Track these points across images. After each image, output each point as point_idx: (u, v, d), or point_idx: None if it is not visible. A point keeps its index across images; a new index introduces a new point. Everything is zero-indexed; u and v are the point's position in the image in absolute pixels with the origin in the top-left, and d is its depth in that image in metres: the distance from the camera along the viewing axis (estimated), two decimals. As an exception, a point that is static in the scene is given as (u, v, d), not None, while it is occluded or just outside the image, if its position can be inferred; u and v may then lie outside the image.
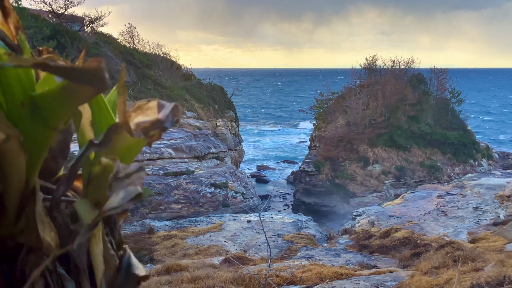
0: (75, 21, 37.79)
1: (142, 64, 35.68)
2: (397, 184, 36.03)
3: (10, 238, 0.53)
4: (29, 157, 0.52)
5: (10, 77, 0.52)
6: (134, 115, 0.57)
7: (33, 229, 0.52)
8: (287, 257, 14.02)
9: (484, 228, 16.93)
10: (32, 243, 0.52)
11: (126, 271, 0.61)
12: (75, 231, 0.53)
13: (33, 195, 0.54)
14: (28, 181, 0.54)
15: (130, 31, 40.60)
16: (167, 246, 15.49)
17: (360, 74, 45.83)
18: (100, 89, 0.49)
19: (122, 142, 0.56)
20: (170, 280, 8.27)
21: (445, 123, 42.12)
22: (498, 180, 24.73)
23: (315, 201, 34.76)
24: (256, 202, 25.64)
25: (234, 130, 38.10)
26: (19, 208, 0.54)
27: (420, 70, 45.93)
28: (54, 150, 0.57)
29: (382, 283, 8.47)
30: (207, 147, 27.49)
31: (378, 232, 17.75)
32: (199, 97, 36.22)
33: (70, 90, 0.48)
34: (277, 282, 8.46)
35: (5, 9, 0.56)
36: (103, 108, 0.63)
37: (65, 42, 30.61)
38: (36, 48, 0.67)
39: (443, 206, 20.92)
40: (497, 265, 7.70)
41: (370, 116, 38.93)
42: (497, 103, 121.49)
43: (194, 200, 22.94)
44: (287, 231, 17.71)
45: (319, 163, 36.27)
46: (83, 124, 0.64)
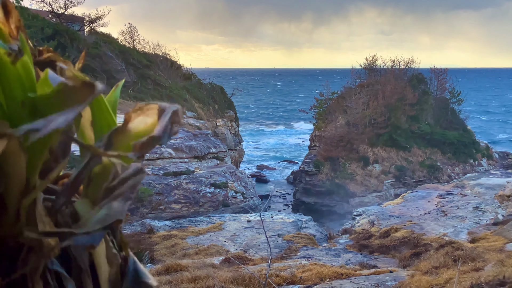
0: (75, 21, 37.79)
1: (141, 64, 35.69)
2: (397, 184, 36.04)
3: (10, 237, 0.53)
4: (29, 157, 0.52)
5: (10, 76, 0.52)
6: (135, 116, 0.57)
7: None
8: (287, 257, 14.02)
9: (484, 228, 16.94)
10: (32, 243, 0.52)
11: (134, 279, 0.60)
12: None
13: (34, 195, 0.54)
14: (28, 181, 0.54)
15: (130, 31, 40.63)
16: (167, 246, 15.50)
17: (360, 74, 45.85)
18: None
19: (122, 143, 0.57)
20: (170, 280, 8.27)
21: (445, 123, 42.13)
22: (498, 180, 24.74)
23: (315, 201, 34.78)
24: (256, 202, 25.65)
25: (234, 130, 38.11)
26: (19, 207, 0.54)
27: (420, 70, 45.95)
28: (55, 151, 0.57)
29: (382, 283, 8.47)
30: (207, 147, 27.50)
31: (378, 232, 17.77)
32: (199, 97, 36.23)
33: (70, 90, 0.49)
34: (277, 282, 8.46)
35: (7, 7, 0.56)
36: (103, 108, 0.63)
37: (65, 42, 30.61)
38: (36, 48, 0.67)
39: (443, 206, 20.93)
40: (497, 265, 7.70)
41: (370, 116, 38.94)
42: (497, 103, 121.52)
43: (194, 200, 22.95)
44: (287, 231, 17.72)
45: (319, 163, 36.28)
46: (83, 124, 0.65)
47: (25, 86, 0.53)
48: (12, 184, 0.52)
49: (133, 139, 0.57)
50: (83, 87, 0.48)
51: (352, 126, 38.98)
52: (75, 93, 0.48)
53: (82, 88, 0.48)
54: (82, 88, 0.48)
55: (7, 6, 0.56)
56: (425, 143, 39.48)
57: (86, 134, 0.64)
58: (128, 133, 0.57)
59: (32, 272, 0.53)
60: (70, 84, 0.48)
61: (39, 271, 0.53)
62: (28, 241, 0.52)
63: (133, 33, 40.51)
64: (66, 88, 0.48)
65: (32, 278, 0.53)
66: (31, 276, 0.53)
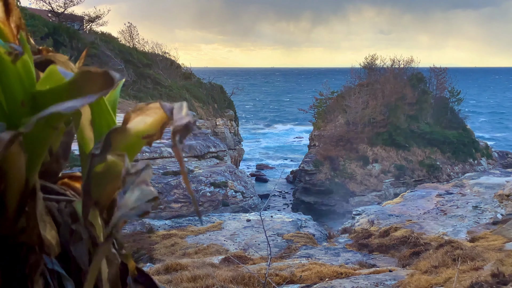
0: (74, 20, 37.75)
1: (141, 63, 35.66)
2: (397, 183, 36.04)
3: (10, 237, 0.53)
4: (29, 156, 0.52)
5: (11, 76, 0.52)
6: (134, 115, 0.57)
7: (34, 228, 0.52)
8: (286, 256, 14.02)
9: (483, 227, 16.95)
10: (32, 242, 0.52)
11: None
12: (77, 231, 0.53)
13: (33, 195, 0.54)
14: (28, 181, 0.54)
15: (130, 30, 40.60)
16: (167, 245, 15.49)
17: (359, 73, 45.84)
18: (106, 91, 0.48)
19: (122, 142, 0.56)
20: (169, 279, 8.27)
21: (445, 122, 42.13)
22: (498, 179, 24.74)
23: (315, 200, 34.78)
24: (255, 201, 25.64)
25: (233, 129, 38.10)
26: (19, 207, 0.54)
27: (420, 69, 45.94)
28: (56, 152, 0.57)
29: (381, 282, 8.47)
30: (206, 146, 27.49)
31: (378, 231, 17.77)
32: (199, 96, 36.20)
33: (81, 83, 0.48)
34: (277, 281, 8.46)
35: (8, 5, 0.55)
36: (103, 108, 0.63)
37: (63, 41, 30.57)
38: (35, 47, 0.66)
39: (443, 205, 20.94)
40: (497, 264, 7.71)
41: (370, 115, 38.93)
42: (496, 102, 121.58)
43: (194, 199, 22.91)
44: (287, 230, 17.72)
45: (318, 162, 36.28)
46: (82, 123, 0.64)
47: (25, 85, 0.53)
48: (12, 183, 0.52)
49: (133, 139, 0.57)
50: (103, 76, 0.48)
51: (352, 125, 38.98)
52: (94, 81, 0.48)
53: (103, 77, 0.48)
54: (103, 77, 0.48)
55: (8, 4, 0.56)
56: (424, 143, 39.49)
57: (86, 134, 0.64)
58: (127, 132, 0.57)
59: (31, 271, 0.53)
60: (93, 70, 0.48)
61: (39, 271, 0.53)
62: (28, 240, 0.52)
63: (132, 32, 40.50)
64: (86, 76, 0.48)
65: (32, 278, 0.53)
66: (30, 276, 0.53)
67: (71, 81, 0.48)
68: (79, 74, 0.48)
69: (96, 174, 0.56)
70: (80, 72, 0.48)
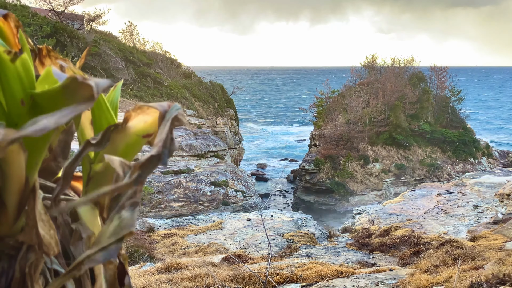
0: (75, 19, 37.75)
1: (141, 63, 35.65)
2: (397, 183, 36.05)
3: (10, 236, 0.53)
4: (28, 155, 0.52)
5: (10, 75, 0.52)
6: (135, 115, 0.57)
7: (33, 227, 0.52)
8: (287, 255, 14.02)
9: (484, 226, 16.94)
10: (32, 241, 0.52)
11: None
12: (75, 230, 0.52)
13: (33, 194, 0.54)
14: (27, 179, 0.54)
15: (130, 29, 40.59)
16: (167, 245, 15.50)
17: (360, 73, 45.84)
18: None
19: (122, 141, 0.56)
20: (170, 278, 8.28)
21: (445, 121, 42.12)
22: (498, 178, 24.74)
23: (315, 200, 34.79)
24: (256, 201, 25.65)
25: (234, 128, 38.09)
26: (18, 206, 0.54)
27: (420, 69, 45.93)
28: (55, 150, 0.57)
29: (382, 281, 8.47)
30: (207, 146, 27.49)
31: (378, 230, 17.77)
32: (199, 96, 36.19)
33: (71, 89, 0.48)
34: (277, 280, 8.46)
35: (6, 16, 0.55)
36: (103, 107, 0.63)
37: (64, 40, 30.58)
38: (35, 46, 0.66)
39: (443, 204, 20.93)
40: (497, 263, 7.71)
41: (370, 115, 38.92)
42: (496, 102, 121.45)
43: (194, 199, 22.95)
44: (287, 230, 17.72)
45: (319, 162, 36.27)
46: (83, 122, 0.64)
47: (25, 84, 0.53)
48: (11, 182, 0.52)
49: (133, 137, 0.57)
50: (86, 89, 0.48)
51: (352, 124, 38.97)
52: (82, 89, 0.48)
53: (85, 86, 0.48)
54: (84, 86, 0.48)
55: (7, 16, 0.56)
56: (425, 142, 39.48)
57: (86, 133, 0.64)
58: (127, 131, 0.57)
59: (31, 270, 0.53)
60: (80, 79, 0.48)
61: (39, 270, 0.53)
62: (28, 239, 0.52)
63: (133, 31, 40.49)
64: (75, 83, 0.48)
65: (32, 277, 0.53)
66: (30, 275, 0.53)
67: (63, 85, 0.48)
68: (69, 80, 0.48)
69: (95, 174, 0.56)
70: (69, 79, 0.48)
